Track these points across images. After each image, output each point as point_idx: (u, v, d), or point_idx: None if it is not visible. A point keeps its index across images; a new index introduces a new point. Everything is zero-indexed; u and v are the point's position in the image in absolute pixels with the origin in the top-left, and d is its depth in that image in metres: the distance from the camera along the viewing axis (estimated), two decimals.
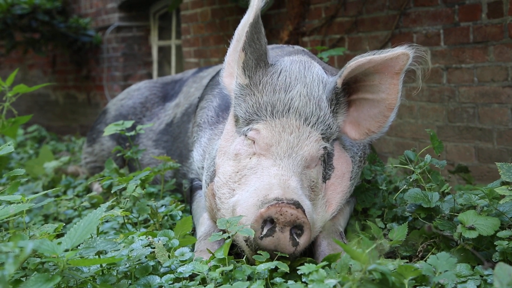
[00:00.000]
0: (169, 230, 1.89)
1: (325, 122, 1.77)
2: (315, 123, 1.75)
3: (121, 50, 5.47)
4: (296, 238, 1.54)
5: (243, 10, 3.77)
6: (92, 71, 5.87)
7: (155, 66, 5.59)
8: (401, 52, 1.70)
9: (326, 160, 1.82)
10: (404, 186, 2.00)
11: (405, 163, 2.00)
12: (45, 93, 6.70)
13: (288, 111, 1.74)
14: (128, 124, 2.58)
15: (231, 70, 1.91)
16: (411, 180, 1.95)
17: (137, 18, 5.51)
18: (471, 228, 1.58)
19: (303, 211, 1.54)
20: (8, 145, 1.95)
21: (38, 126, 6.03)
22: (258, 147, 1.73)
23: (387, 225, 1.98)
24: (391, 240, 1.75)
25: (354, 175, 1.91)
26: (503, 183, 1.73)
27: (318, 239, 1.80)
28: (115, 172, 2.75)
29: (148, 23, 5.55)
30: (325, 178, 1.81)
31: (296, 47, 2.36)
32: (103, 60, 5.68)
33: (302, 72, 1.82)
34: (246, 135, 1.77)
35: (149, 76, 5.55)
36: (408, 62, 1.71)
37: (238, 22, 1.95)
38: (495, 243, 1.57)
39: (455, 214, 1.79)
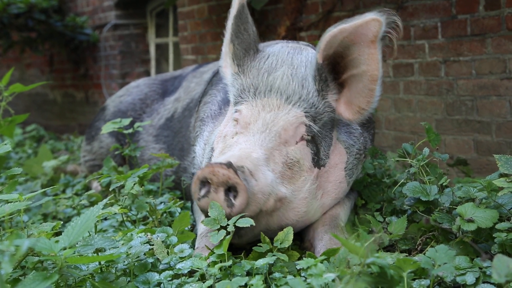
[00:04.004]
0: (168, 227, 1.88)
1: (308, 101, 1.77)
2: (297, 101, 1.76)
3: (118, 48, 5.46)
4: (232, 200, 1.54)
5: None
6: (90, 69, 5.86)
7: (152, 63, 5.58)
8: (371, 18, 1.68)
9: (321, 146, 1.80)
10: (403, 180, 2.00)
11: (403, 156, 2.00)
12: (43, 92, 6.69)
13: (270, 91, 1.77)
14: (126, 121, 2.58)
15: (228, 61, 1.96)
16: (410, 173, 1.94)
17: (134, 15, 5.49)
18: (470, 221, 1.58)
19: (235, 171, 1.52)
20: (5, 144, 1.94)
21: (36, 126, 6.02)
22: (239, 126, 1.77)
23: (386, 218, 1.97)
24: (390, 234, 1.75)
25: (350, 166, 1.90)
26: (502, 175, 1.73)
27: (319, 234, 1.80)
28: (114, 170, 2.74)
29: (145, 21, 5.53)
30: (319, 164, 1.80)
31: (302, 43, 2.35)
32: (100, 58, 5.66)
33: (290, 55, 1.84)
34: (233, 118, 1.82)
35: (147, 73, 5.54)
36: (381, 29, 1.69)
37: None
38: (493, 235, 1.57)
39: (454, 207, 1.79)
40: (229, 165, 1.53)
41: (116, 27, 5.46)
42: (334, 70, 1.81)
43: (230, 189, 1.55)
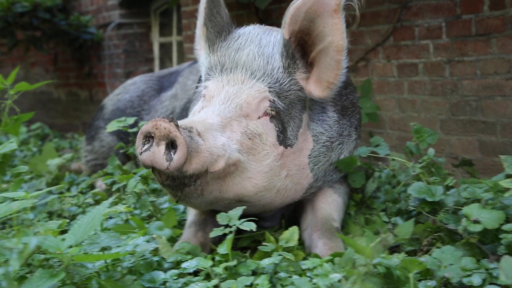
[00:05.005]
0: (159, 221, 1.93)
1: (273, 76, 1.78)
2: (261, 77, 1.78)
3: (122, 47, 5.47)
4: (172, 154, 1.53)
5: (243, 5, 3.78)
6: (94, 68, 5.87)
7: (156, 62, 5.59)
8: None
9: (288, 125, 1.80)
10: (405, 180, 1.99)
11: (409, 155, 1.99)
12: (48, 91, 6.71)
13: (236, 67, 1.80)
14: (131, 120, 2.58)
15: (201, 43, 1.99)
16: (413, 173, 1.93)
17: (138, 15, 5.50)
18: (476, 222, 1.57)
19: (176, 125, 1.53)
20: (11, 142, 1.94)
21: (41, 124, 6.03)
22: (205, 101, 1.80)
23: (391, 219, 1.97)
24: (396, 236, 1.74)
25: (315, 154, 1.89)
26: (508, 176, 1.72)
27: (314, 241, 1.79)
28: (118, 169, 2.74)
29: (149, 20, 5.54)
30: (285, 143, 1.79)
31: None
32: (104, 57, 5.67)
33: (259, 36, 1.87)
34: (202, 94, 1.86)
35: (151, 72, 5.54)
36: None
37: (238, 17, 1.99)
38: (500, 236, 1.56)
39: (459, 207, 1.79)
40: (171, 119, 1.54)
41: (120, 26, 5.47)
42: (303, 50, 1.82)
43: (173, 145, 1.54)
